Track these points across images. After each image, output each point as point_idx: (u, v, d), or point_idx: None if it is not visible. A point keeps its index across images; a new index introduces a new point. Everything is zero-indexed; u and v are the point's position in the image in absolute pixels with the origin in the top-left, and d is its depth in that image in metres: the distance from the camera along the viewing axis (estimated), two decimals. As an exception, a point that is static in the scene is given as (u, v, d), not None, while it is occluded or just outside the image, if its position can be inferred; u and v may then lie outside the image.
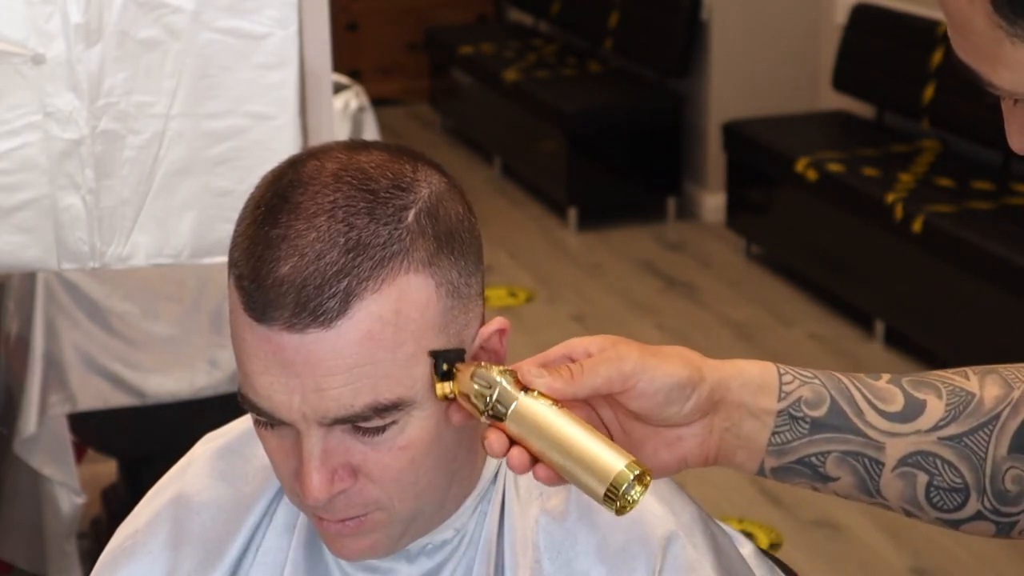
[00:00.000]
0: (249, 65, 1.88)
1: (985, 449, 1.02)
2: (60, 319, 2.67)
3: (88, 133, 1.84)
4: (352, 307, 0.95)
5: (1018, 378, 1.05)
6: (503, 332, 1.06)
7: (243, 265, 0.98)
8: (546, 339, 4.47)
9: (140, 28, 1.84)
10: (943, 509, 1.03)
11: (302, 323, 0.95)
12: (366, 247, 0.96)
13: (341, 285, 0.95)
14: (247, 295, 0.97)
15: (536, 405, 0.95)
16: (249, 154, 1.88)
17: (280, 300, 0.95)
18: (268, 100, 1.89)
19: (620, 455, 0.93)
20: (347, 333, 0.95)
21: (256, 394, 0.98)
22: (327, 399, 0.96)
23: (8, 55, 1.80)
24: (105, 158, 1.85)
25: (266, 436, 1.03)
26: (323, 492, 0.99)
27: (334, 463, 0.99)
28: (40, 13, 1.80)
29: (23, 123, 1.83)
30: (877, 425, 1.02)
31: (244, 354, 0.99)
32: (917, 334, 4.26)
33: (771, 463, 1.03)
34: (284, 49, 1.89)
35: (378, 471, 1.00)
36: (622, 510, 0.93)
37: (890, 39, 4.91)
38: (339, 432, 0.99)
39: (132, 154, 1.86)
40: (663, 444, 1.01)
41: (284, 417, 0.98)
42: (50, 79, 1.82)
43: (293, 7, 1.89)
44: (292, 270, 0.95)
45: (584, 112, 5.60)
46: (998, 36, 0.81)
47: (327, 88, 2.02)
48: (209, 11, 1.86)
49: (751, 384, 1.02)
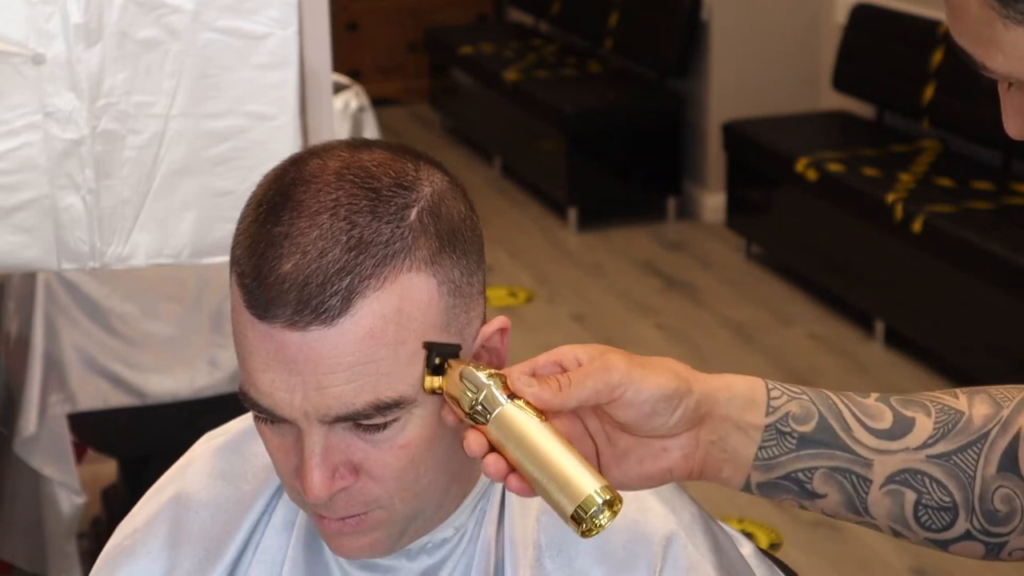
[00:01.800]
0: (249, 65, 1.88)
1: (974, 468, 1.01)
2: (60, 319, 2.67)
3: (88, 133, 1.84)
4: (354, 305, 0.95)
5: (1007, 397, 1.04)
6: (504, 331, 1.06)
7: (245, 263, 0.98)
8: (546, 339, 4.47)
9: (140, 28, 1.84)
10: (931, 528, 1.03)
11: (304, 321, 0.95)
12: (368, 245, 0.96)
13: (343, 283, 0.95)
14: (249, 293, 0.97)
15: (520, 415, 0.95)
16: (249, 154, 1.88)
17: (282, 298, 0.95)
18: (268, 100, 1.89)
19: (594, 478, 0.92)
20: (349, 331, 0.95)
21: (257, 391, 0.99)
22: (328, 397, 0.96)
23: (8, 55, 1.80)
24: (105, 158, 1.86)
25: (267, 433, 1.03)
26: (324, 490, 0.99)
27: (335, 461, 0.99)
28: (40, 13, 1.80)
29: (23, 123, 1.83)
30: (865, 442, 1.02)
31: (246, 351, 0.99)
32: (917, 334, 4.26)
33: (757, 478, 1.02)
34: (284, 49, 1.89)
35: (379, 469, 1.00)
36: (588, 533, 0.92)
37: (890, 39, 4.91)
38: (340, 430, 0.99)
39: (132, 154, 1.86)
40: (648, 455, 1.01)
41: (285, 415, 0.98)
42: (50, 79, 1.82)
43: (293, 7, 1.89)
44: (294, 268, 0.95)
45: (584, 112, 5.60)
46: (991, 18, 0.81)
47: (327, 88, 2.02)
48: (209, 11, 1.86)
49: (739, 398, 1.01)
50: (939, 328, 4.13)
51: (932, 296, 4.12)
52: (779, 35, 5.49)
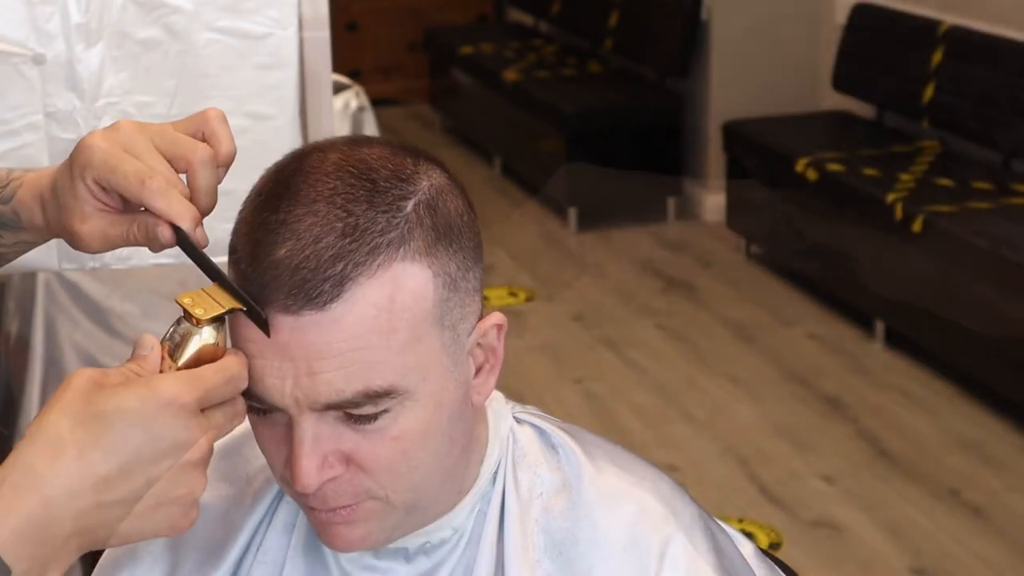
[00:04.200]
0: (249, 65, 1.88)
1: None
2: (60, 319, 2.67)
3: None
4: (346, 291, 0.95)
5: None
6: (500, 328, 1.06)
7: (241, 248, 0.99)
8: (546, 339, 4.47)
9: (140, 28, 1.85)
10: None
11: (297, 305, 0.95)
12: (363, 232, 0.96)
13: (336, 268, 0.95)
14: (243, 277, 0.98)
15: None
16: (249, 154, 1.87)
17: (275, 282, 0.96)
18: (268, 100, 1.89)
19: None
20: (341, 317, 0.96)
21: (249, 378, 0.99)
22: (319, 383, 0.96)
23: (8, 55, 1.80)
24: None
25: (258, 423, 1.03)
26: (312, 478, 0.99)
27: (324, 450, 0.99)
28: (40, 13, 1.80)
29: (23, 123, 1.83)
30: None
31: (238, 338, 0.99)
32: (917, 334, 4.26)
33: None
34: (284, 49, 1.90)
35: (369, 460, 1.00)
36: None
37: (890, 39, 4.91)
38: (331, 419, 0.99)
39: (132, 154, 1.86)
40: None
41: (276, 402, 0.99)
42: (50, 79, 1.82)
43: (293, 7, 1.89)
44: (288, 253, 0.96)
45: (584, 112, 5.60)
46: None
47: (327, 88, 2.02)
48: (209, 11, 1.86)
49: None
50: (939, 328, 4.13)
51: (932, 296, 4.12)
52: (779, 35, 5.49)
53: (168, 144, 1.01)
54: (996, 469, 3.65)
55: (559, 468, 1.14)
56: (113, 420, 0.89)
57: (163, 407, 0.90)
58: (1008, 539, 3.33)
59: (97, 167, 1.01)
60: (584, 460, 1.14)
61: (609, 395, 4.11)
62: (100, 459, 0.88)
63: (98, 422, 0.89)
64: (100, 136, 1.02)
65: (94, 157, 1.01)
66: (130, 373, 0.94)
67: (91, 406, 0.89)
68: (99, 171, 1.01)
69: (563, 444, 1.15)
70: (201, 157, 1.01)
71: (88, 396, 0.90)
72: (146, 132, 1.02)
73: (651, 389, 4.16)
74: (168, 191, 0.98)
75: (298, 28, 1.91)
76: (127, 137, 1.01)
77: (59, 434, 0.88)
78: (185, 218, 0.98)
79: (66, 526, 0.88)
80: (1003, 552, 3.28)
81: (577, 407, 4.00)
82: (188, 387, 0.92)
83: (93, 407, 0.89)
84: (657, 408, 4.04)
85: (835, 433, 3.86)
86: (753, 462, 3.71)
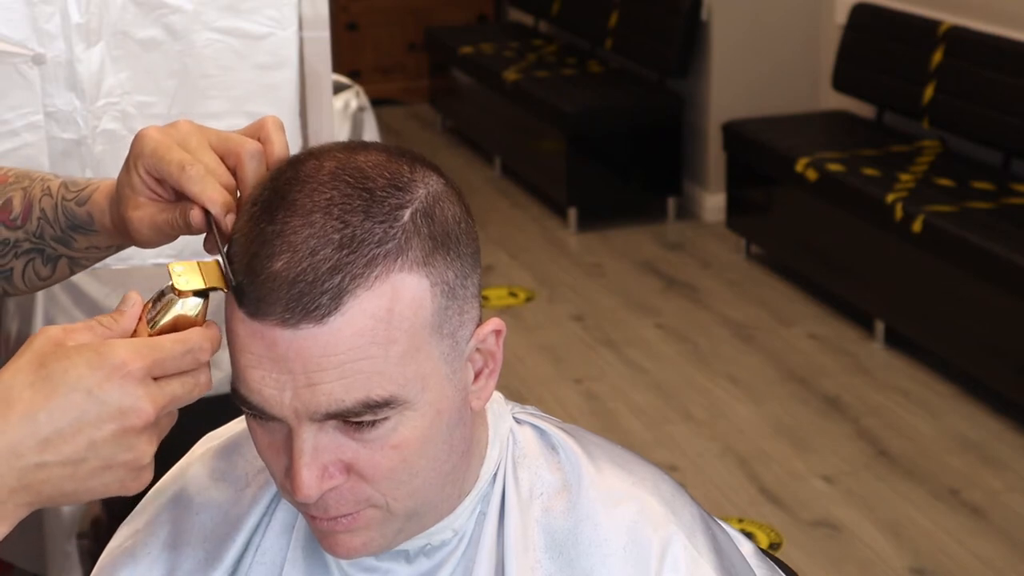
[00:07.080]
0: (249, 65, 1.88)
1: None
2: (60, 319, 2.67)
3: (88, 133, 1.84)
4: (344, 303, 0.95)
5: None
6: (499, 333, 1.06)
7: (238, 260, 0.98)
8: (546, 339, 4.47)
9: (140, 28, 1.85)
10: None
11: (295, 318, 0.95)
12: (360, 244, 0.96)
13: (334, 281, 0.95)
14: (240, 290, 0.97)
15: None
16: (249, 154, 1.88)
17: (273, 295, 0.95)
18: (268, 100, 1.89)
19: None
20: (339, 329, 0.95)
21: (248, 388, 0.99)
22: (319, 394, 0.96)
23: (8, 55, 1.80)
24: (105, 158, 1.86)
25: (257, 431, 1.03)
26: (313, 489, 0.99)
27: (324, 460, 0.99)
28: (40, 13, 1.80)
29: (24, 123, 1.83)
30: None
31: (236, 348, 0.99)
32: (917, 334, 4.26)
33: None
34: (284, 49, 1.90)
35: (369, 469, 1.00)
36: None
37: (890, 39, 4.92)
38: (331, 429, 0.99)
39: (132, 154, 1.86)
40: None
41: (275, 412, 0.98)
42: (50, 79, 1.82)
43: (293, 7, 1.89)
44: (285, 266, 0.95)
45: (584, 112, 5.60)
46: None
47: (327, 88, 2.02)
48: (209, 11, 1.86)
49: None
50: (939, 328, 4.13)
51: (932, 296, 4.12)
52: (779, 35, 5.49)
53: (221, 140, 1.06)
54: (996, 469, 3.65)
55: (559, 468, 1.14)
56: (60, 383, 0.92)
57: (110, 372, 0.92)
58: (1008, 539, 3.33)
59: (148, 156, 1.06)
60: (584, 460, 1.14)
61: (609, 395, 4.11)
62: (45, 420, 0.91)
63: (47, 384, 0.92)
64: (156, 128, 1.07)
65: (146, 147, 1.06)
66: (98, 327, 0.97)
67: (43, 368, 0.92)
68: (149, 160, 1.06)
69: (563, 444, 1.15)
70: (250, 150, 1.05)
71: (42, 358, 0.93)
72: (203, 131, 1.07)
73: (651, 389, 4.16)
74: (205, 178, 1.03)
75: (298, 28, 1.90)
76: (183, 133, 1.07)
77: (10, 395, 0.91)
78: (216, 203, 1.02)
79: (9, 482, 0.91)
80: (1003, 552, 3.28)
81: (577, 407, 4.00)
82: (138, 354, 0.93)
83: (44, 368, 0.92)
84: (657, 408, 4.04)
85: (835, 433, 3.86)
86: (753, 462, 3.71)
